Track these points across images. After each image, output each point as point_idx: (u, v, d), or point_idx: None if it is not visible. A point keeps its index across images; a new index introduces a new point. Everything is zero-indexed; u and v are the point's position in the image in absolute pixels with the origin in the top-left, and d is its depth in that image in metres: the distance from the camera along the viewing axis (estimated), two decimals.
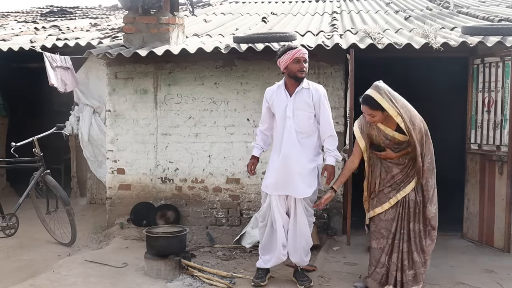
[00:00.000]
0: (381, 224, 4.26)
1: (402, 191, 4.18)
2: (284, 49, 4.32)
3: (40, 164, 5.77)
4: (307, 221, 4.37)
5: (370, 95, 4.05)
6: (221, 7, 10.16)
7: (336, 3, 9.67)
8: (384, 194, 4.23)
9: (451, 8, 8.32)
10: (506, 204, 5.26)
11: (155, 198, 6.30)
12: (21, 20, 10.17)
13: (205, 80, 6.19)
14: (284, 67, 4.29)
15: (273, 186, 4.36)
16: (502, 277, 4.64)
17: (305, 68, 4.27)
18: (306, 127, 4.31)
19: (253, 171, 4.57)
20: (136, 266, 4.85)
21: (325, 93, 4.39)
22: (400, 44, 5.38)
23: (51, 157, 6.57)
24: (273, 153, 4.48)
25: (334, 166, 4.36)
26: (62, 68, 6.44)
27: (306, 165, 4.29)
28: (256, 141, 4.63)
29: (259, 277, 4.43)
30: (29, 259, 5.37)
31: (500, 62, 5.32)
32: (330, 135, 4.34)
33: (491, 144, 5.44)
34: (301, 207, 4.33)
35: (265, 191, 4.45)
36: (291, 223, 4.38)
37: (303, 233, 4.37)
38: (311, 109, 4.30)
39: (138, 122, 6.31)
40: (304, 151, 4.30)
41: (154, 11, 6.27)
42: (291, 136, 4.27)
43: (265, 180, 4.47)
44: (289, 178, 4.28)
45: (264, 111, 4.53)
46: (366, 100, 4.08)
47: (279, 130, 4.37)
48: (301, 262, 4.47)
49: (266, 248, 4.51)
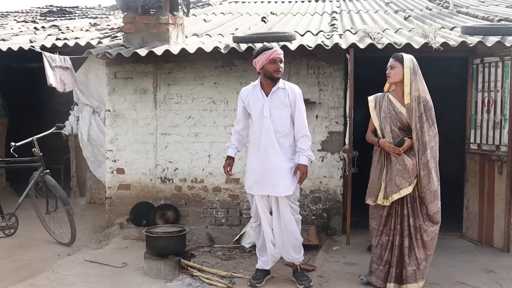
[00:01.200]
0: (381, 221, 4.30)
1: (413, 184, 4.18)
2: (260, 49, 4.32)
3: (39, 164, 5.77)
4: (293, 218, 4.38)
5: (401, 53, 4.30)
6: (221, 7, 10.16)
7: (335, 3, 9.67)
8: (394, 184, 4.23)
9: (451, 8, 8.32)
10: (505, 204, 5.26)
11: (154, 198, 6.30)
12: (20, 20, 10.16)
13: (204, 80, 6.19)
14: (260, 68, 4.28)
15: (256, 187, 4.36)
16: (502, 277, 4.65)
17: (281, 68, 4.28)
18: (283, 126, 4.31)
19: (230, 172, 4.56)
20: (136, 266, 4.85)
21: (300, 93, 4.41)
22: (399, 44, 5.38)
23: (50, 157, 6.57)
24: (251, 153, 4.47)
25: (306, 165, 4.33)
26: (62, 68, 6.44)
27: (285, 164, 4.30)
28: (231, 141, 4.60)
29: (256, 278, 4.42)
30: (29, 259, 5.36)
31: (500, 62, 5.32)
32: (304, 134, 4.34)
33: (490, 144, 5.44)
34: (285, 205, 4.34)
35: (249, 192, 4.47)
36: (275, 221, 4.38)
37: (290, 230, 4.37)
38: (287, 109, 4.31)
39: (138, 122, 6.31)
40: (283, 150, 4.31)
41: (154, 11, 6.27)
42: (269, 136, 4.27)
43: (247, 181, 4.47)
44: (269, 177, 4.28)
45: (239, 111, 4.51)
46: (395, 54, 4.31)
47: (256, 130, 4.36)
48: (293, 259, 4.47)
49: (263, 248, 4.52)
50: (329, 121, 6.04)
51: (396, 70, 4.23)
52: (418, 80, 4.22)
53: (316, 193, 6.07)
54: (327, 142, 6.04)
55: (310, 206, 6.05)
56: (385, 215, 4.30)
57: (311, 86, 6.03)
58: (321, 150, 6.03)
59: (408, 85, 4.18)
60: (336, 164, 6.04)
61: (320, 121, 6.04)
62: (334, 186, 6.04)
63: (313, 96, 6.01)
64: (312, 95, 6.01)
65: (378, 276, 4.32)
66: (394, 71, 4.24)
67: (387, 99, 4.33)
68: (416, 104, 4.17)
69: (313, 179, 6.03)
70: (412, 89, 4.17)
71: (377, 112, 4.37)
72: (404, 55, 4.26)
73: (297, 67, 6.04)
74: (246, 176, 4.50)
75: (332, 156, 6.04)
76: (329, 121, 6.04)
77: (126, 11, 6.31)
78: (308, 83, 6.03)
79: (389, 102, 4.30)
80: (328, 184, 6.07)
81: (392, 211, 4.28)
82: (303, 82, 5.95)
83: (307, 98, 5.90)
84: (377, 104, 4.39)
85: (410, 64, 4.20)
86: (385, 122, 4.29)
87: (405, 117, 4.22)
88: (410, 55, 4.31)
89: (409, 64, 4.20)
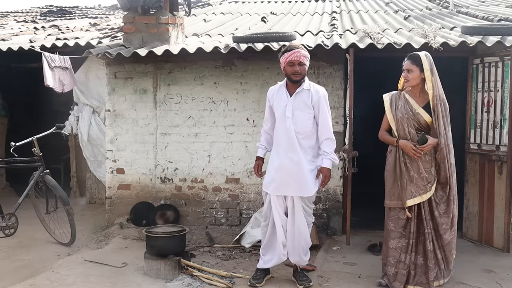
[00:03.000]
0: (399, 223, 4.26)
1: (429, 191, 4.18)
2: (284, 49, 4.33)
3: (39, 164, 5.76)
4: (305, 221, 4.37)
5: (416, 52, 4.20)
6: (221, 7, 10.16)
7: (335, 3, 9.67)
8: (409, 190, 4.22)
9: (451, 8, 8.32)
10: (505, 204, 5.26)
11: (154, 198, 6.30)
12: (20, 20, 10.16)
13: (204, 80, 6.19)
14: (282, 69, 4.32)
15: (273, 186, 4.35)
16: (502, 277, 4.64)
17: (299, 71, 4.21)
18: (305, 127, 4.28)
19: (260, 172, 4.56)
20: (136, 266, 4.85)
21: (325, 95, 4.37)
22: (399, 44, 5.38)
23: (50, 157, 6.57)
24: (273, 153, 4.48)
25: (329, 169, 4.32)
26: (61, 68, 6.44)
27: (305, 166, 4.27)
28: (260, 141, 4.62)
29: (256, 278, 4.42)
30: (29, 258, 5.36)
31: (500, 62, 5.31)
32: (328, 137, 4.30)
33: (490, 144, 5.44)
34: (300, 207, 4.32)
35: (265, 191, 4.45)
36: (289, 223, 4.37)
37: (301, 232, 4.36)
38: (310, 110, 4.28)
39: (138, 122, 6.31)
40: (303, 151, 4.28)
41: (154, 11, 6.27)
42: (290, 136, 4.26)
43: (265, 179, 4.46)
44: (288, 178, 4.27)
45: (267, 110, 4.52)
46: (411, 55, 4.20)
47: (279, 130, 4.37)
48: (301, 261, 4.46)
49: (268, 247, 4.50)
50: None
51: (414, 74, 4.14)
52: (437, 80, 4.15)
53: (316, 193, 6.05)
54: None
55: None
56: (404, 218, 4.24)
57: None
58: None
59: (431, 89, 4.09)
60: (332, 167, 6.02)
61: None
62: (334, 186, 6.04)
63: None
64: None
65: (400, 280, 4.24)
66: (412, 75, 4.15)
67: (403, 98, 4.24)
68: (440, 106, 4.10)
69: None
70: (434, 91, 4.09)
71: (393, 111, 4.28)
72: (421, 56, 4.15)
73: None
74: (266, 174, 4.47)
75: None
76: None
77: (126, 11, 6.31)
78: None
79: (406, 102, 4.22)
80: (328, 184, 6.01)
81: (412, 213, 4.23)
82: None
83: None
84: (393, 103, 4.29)
85: (429, 65, 4.11)
86: (402, 123, 4.22)
87: (423, 118, 4.17)
88: (425, 52, 4.22)
89: (428, 65, 4.11)
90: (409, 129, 4.21)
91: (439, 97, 4.13)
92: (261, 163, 4.57)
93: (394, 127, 4.29)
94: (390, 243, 4.31)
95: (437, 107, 4.12)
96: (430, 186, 4.18)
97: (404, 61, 4.27)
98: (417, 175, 4.18)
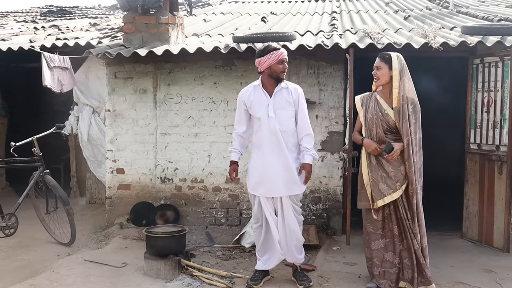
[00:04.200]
0: (377, 224, 4.25)
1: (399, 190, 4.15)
2: (268, 49, 4.25)
3: (39, 164, 5.77)
4: (295, 219, 4.38)
5: (388, 52, 4.20)
6: (221, 7, 10.16)
7: (335, 3, 9.67)
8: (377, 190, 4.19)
9: (451, 8, 8.32)
10: (505, 204, 5.26)
11: (154, 198, 6.30)
12: (20, 20, 10.16)
13: (204, 80, 6.19)
14: (266, 67, 4.23)
15: (262, 188, 4.32)
16: (502, 277, 4.64)
17: (287, 68, 4.31)
18: (289, 125, 4.31)
19: (236, 178, 4.56)
20: (136, 266, 4.85)
21: (302, 92, 4.41)
22: (399, 43, 5.38)
23: (50, 157, 6.57)
24: (254, 155, 4.42)
25: (311, 164, 4.33)
26: (60, 68, 6.44)
27: (292, 165, 4.28)
28: (233, 145, 4.54)
29: (254, 279, 4.40)
30: (29, 258, 5.37)
31: (500, 62, 5.32)
32: (308, 133, 4.33)
33: (490, 144, 5.44)
34: (289, 206, 4.33)
35: (253, 193, 4.41)
36: (280, 223, 4.37)
37: (293, 231, 4.37)
38: (291, 108, 4.30)
39: (138, 122, 6.31)
40: (289, 150, 4.29)
41: (154, 11, 6.27)
42: (276, 136, 4.24)
43: (250, 182, 4.41)
44: (277, 179, 4.26)
45: (241, 113, 4.44)
46: (381, 54, 4.20)
47: (261, 131, 4.30)
48: (296, 260, 4.46)
49: (265, 247, 4.50)
50: (329, 121, 6.04)
51: (382, 71, 4.13)
52: (406, 81, 4.11)
53: (316, 193, 6.07)
54: (327, 142, 6.04)
55: (310, 206, 6.05)
56: (381, 219, 4.23)
57: (311, 86, 6.03)
58: (321, 150, 6.03)
59: (397, 88, 4.07)
60: (336, 164, 6.04)
61: (320, 121, 6.04)
62: (334, 186, 6.05)
63: (313, 96, 6.01)
64: (312, 95, 6.01)
65: (388, 278, 4.24)
66: (381, 72, 4.14)
67: (374, 99, 4.24)
68: (406, 107, 4.07)
69: (313, 179, 6.03)
70: (400, 91, 4.07)
71: (364, 112, 4.29)
72: (392, 55, 4.14)
73: (297, 67, 6.04)
74: (248, 177, 4.45)
75: (332, 156, 6.04)
76: (329, 121, 6.04)
77: (126, 11, 6.31)
78: (308, 83, 6.03)
79: (376, 103, 4.21)
80: (328, 184, 6.07)
81: (387, 213, 4.22)
82: (303, 82, 5.95)
83: (307, 98, 5.86)
84: (364, 104, 4.30)
85: (399, 65, 4.09)
86: (371, 124, 4.22)
87: (392, 118, 4.14)
88: (397, 53, 4.20)
89: (398, 65, 4.08)
90: (377, 130, 4.20)
91: (405, 97, 4.07)
92: (237, 167, 4.51)
93: (364, 128, 4.29)
94: (372, 245, 4.30)
95: (402, 107, 4.07)
96: (400, 185, 4.14)
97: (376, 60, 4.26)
98: (385, 174, 4.16)
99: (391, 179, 4.14)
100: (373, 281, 4.33)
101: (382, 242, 4.27)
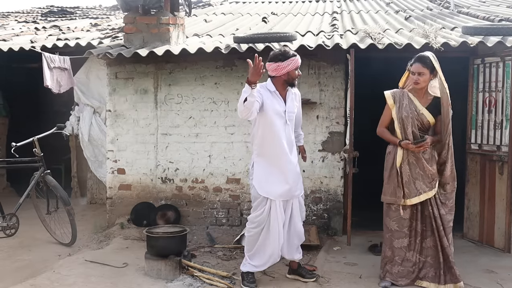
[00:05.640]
0: (403, 222, 4.27)
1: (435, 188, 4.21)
2: (288, 55, 4.18)
3: (40, 164, 5.77)
4: (301, 218, 4.48)
5: (426, 54, 4.17)
6: (221, 7, 10.16)
7: (336, 3, 9.66)
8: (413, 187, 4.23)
9: (452, 8, 8.31)
10: (506, 204, 5.26)
11: (155, 198, 6.30)
12: (21, 20, 10.16)
13: (205, 80, 6.19)
14: (285, 73, 4.18)
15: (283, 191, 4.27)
16: (503, 277, 4.64)
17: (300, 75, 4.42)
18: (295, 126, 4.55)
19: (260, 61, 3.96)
20: (137, 266, 4.86)
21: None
22: (400, 44, 5.38)
23: (51, 157, 6.57)
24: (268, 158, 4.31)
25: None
26: (60, 69, 6.44)
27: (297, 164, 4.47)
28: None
29: (250, 281, 4.35)
30: (30, 259, 5.37)
31: (501, 62, 5.31)
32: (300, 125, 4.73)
33: (491, 144, 5.44)
34: (298, 205, 4.45)
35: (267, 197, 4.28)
36: (288, 222, 4.40)
37: (297, 230, 4.44)
38: (296, 110, 4.49)
39: (139, 122, 6.31)
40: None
41: (155, 11, 6.27)
42: (290, 140, 4.35)
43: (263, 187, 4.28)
44: (294, 180, 4.34)
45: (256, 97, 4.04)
46: (421, 58, 4.16)
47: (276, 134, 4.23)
48: (296, 257, 4.52)
49: (259, 252, 4.39)
50: (329, 121, 6.04)
51: (425, 77, 4.14)
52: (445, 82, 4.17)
53: (316, 193, 6.07)
54: (328, 142, 6.04)
55: (311, 206, 6.05)
56: (407, 217, 4.25)
57: (311, 86, 6.03)
58: (321, 150, 6.04)
59: (447, 88, 4.10)
60: (336, 164, 6.04)
61: (320, 121, 6.04)
62: (334, 186, 6.04)
63: (313, 97, 6.01)
64: (312, 95, 6.01)
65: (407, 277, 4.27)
66: (424, 78, 4.14)
67: (407, 97, 4.23)
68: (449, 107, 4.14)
69: (314, 179, 6.04)
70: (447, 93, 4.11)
71: (397, 109, 4.26)
72: (432, 59, 4.12)
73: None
74: (261, 181, 4.29)
75: (332, 156, 6.04)
76: (329, 121, 6.04)
77: (127, 11, 6.31)
78: (309, 83, 6.03)
79: (410, 102, 4.22)
80: (329, 184, 6.07)
81: (414, 211, 4.25)
82: (303, 82, 5.95)
83: (308, 98, 5.91)
84: (397, 101, 4.28)
85: (437, 61, 4.14)
86: (406, 122, 4.21)
87: (426, 118, 4.20)
88: (431, 53, 4.22)
89: (437, 62, 4.13)
90: (412, 129, 4.23)
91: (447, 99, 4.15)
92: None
93: (398, 127, 4.27)
94: (395, 243, 4.31)
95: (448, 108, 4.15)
96: (435, 183, 4.20)
97: (412, 63, 4.23)
98: (422, 172, 4.19)
99: (428, 177, 4.19)
100: (387, 279, 4.33)
101: (406, 241, 4.28)
